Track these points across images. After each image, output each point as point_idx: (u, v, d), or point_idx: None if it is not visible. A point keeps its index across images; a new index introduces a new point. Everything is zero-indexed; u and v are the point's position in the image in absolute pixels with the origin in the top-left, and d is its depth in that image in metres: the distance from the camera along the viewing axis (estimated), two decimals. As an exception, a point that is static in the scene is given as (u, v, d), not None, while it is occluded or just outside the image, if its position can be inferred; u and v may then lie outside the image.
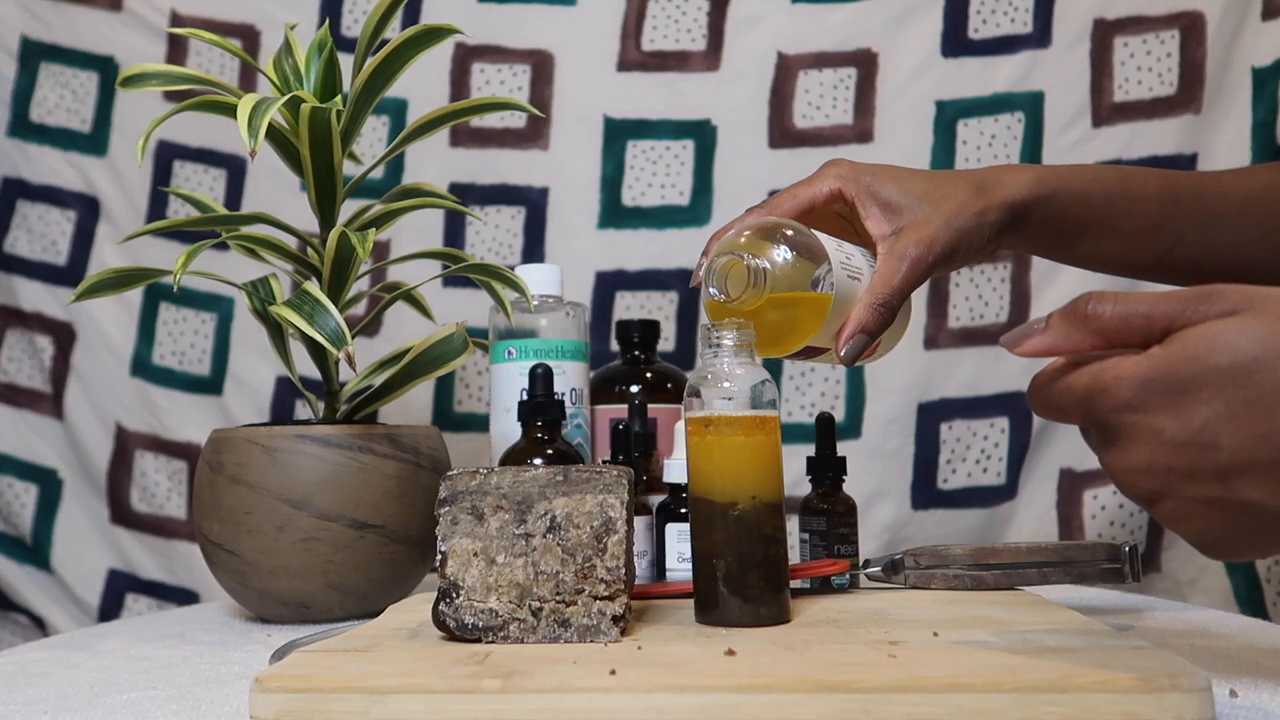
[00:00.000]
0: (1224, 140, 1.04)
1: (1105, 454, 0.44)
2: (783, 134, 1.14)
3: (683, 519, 0.74)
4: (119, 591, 1.12)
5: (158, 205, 1.16)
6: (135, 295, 1.14)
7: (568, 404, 0.85)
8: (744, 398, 0.54)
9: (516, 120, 1.16)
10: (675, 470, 0.75)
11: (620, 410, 0.87)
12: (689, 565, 0.57)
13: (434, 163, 1.14)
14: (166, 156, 1.17)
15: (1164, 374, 0.41)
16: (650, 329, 0.97)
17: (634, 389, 0.93)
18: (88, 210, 1.16)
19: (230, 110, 0.72)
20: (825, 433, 0.76)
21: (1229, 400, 0.40)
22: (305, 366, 0.84)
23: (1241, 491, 0.41)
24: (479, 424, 1.10)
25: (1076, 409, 0.44)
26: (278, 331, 0.81)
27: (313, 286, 0.72)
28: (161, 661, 0.61)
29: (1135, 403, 0.42)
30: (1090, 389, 0.43)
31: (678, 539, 0.75)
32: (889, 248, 0.59)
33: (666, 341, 1.12)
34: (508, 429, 0.84)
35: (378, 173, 1.12)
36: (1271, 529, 0.42)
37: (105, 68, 1.17)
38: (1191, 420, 0.41)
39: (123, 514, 1.13)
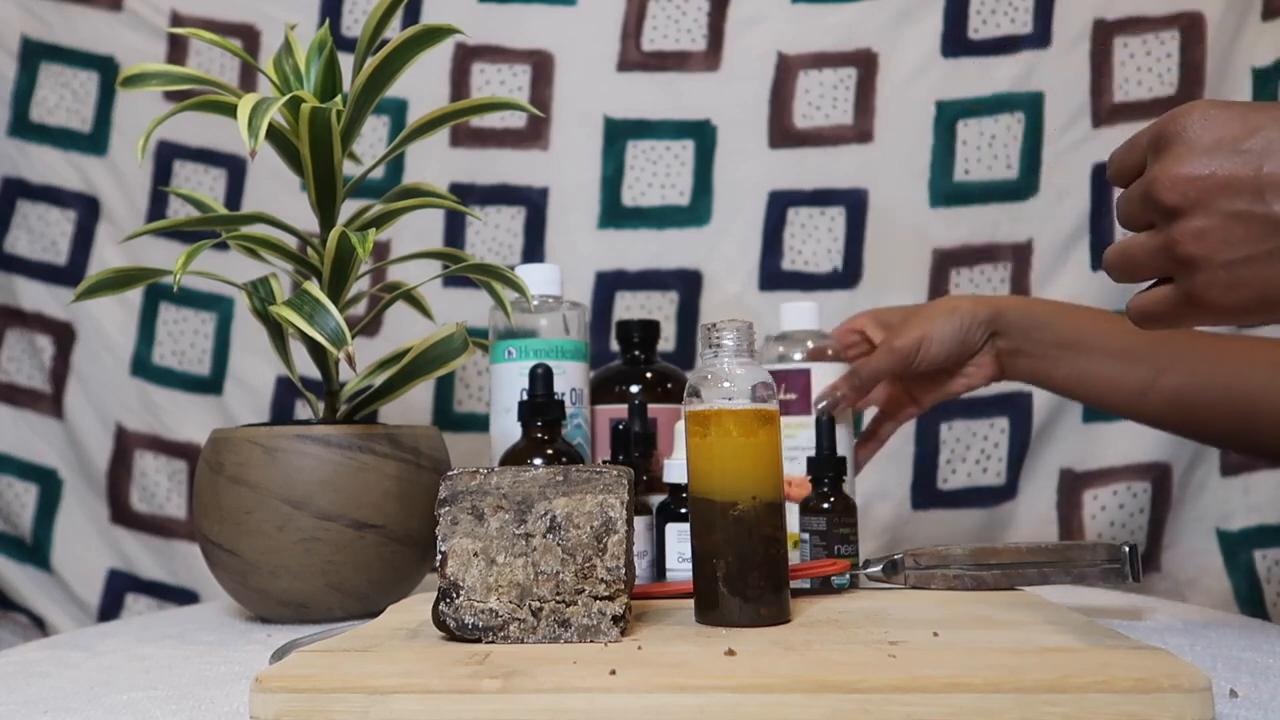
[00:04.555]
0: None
1: (1154, 165, 0.49)
2: (783, 134, 1.14)
3: (683, 519, 0.74)
4: (119, 591, 1.12)
5: (158, 205, 1.16)
6: (135, 295, 1.14)
7: (568, 404, 0.85)
8: (744, 398, 0.54)
9: (516, 120, 1.16)
10: (675, 470, 0.75)
11: (620, 410, 0.87)
12: (689, 565, 0.57)
13: (434, 163, 1.14)
14: (166, 156, 1.17)
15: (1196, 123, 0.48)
16: (650, 329, 0.97)
17: (634, 389, 0.93)
18: (88, 210, 1.16)
19: (230, 110, 0.72)
20: (825, 433, 0.76)
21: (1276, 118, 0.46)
22: (305, 366, 0.84)
23: (1274, 206, 0.46)
24: (479, 424, 1.10)
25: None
26: (278, 331, 0.81)
27: (313, 286, 0.72)
28: (161, 661, 0.61)
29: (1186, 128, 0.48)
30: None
31: (678, 539, 0.75)
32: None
33: (666, 341, 1.12)
34: (508, 429, 0.84)
35: (378, 173, 1.12)
36: None
37: (105, 68, 1.17)
38: (1247, 128, 0.46)
39: (123, 514, 1.13)
